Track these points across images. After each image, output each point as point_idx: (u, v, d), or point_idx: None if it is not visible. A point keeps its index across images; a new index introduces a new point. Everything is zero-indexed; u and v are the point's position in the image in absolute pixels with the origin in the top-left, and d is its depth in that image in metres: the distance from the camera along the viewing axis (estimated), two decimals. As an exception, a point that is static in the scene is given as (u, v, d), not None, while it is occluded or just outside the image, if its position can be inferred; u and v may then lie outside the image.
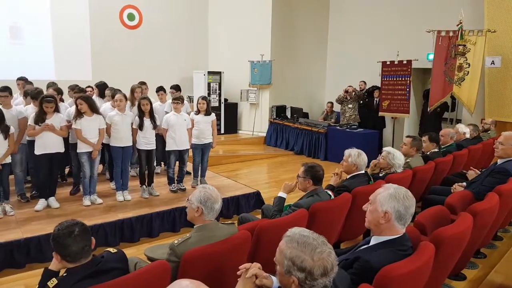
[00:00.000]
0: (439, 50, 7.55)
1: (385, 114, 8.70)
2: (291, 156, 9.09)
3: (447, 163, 4.58)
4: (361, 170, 3.76)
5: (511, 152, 3.52)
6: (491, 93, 7.67)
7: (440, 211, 2.84)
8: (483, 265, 3.40)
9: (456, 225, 2.29)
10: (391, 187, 2.06)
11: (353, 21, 10.36)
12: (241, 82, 10.12)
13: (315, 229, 3.03)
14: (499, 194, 2.89)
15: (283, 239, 1.51)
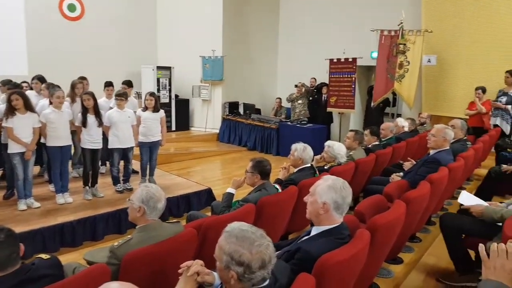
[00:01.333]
0: (382, 49, 7.94)
1: (333, 110, 9.02)
2: (244, 152, 9.16)
3: (387, 155, 4.85)
4: (306, 163, 3.89)
5: (441, 143, 3.79)
6: (427, 89, 8.19)
7: (378, 200, 3.01)
8: (418, 249, 3.65)
9: (390, 213, 2.44)
10: (329, 178, 2.16)
11: (303, 19, 10.59)
12: (192, 78, 10.01)
13: (263, 222, 3.14)
14: (431, 182, 3.12)
15: (222, 235, 1.55)
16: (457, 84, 7.84)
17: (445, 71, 7.97)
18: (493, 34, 7.30)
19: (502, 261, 1.34)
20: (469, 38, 7.61)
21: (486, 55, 7.41)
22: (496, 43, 7.28)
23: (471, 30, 7.57)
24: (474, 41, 7.54)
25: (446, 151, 3.82)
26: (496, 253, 1.36)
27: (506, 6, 7.10)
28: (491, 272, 1.35)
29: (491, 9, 7.28)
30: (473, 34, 7.55)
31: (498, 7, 7.19)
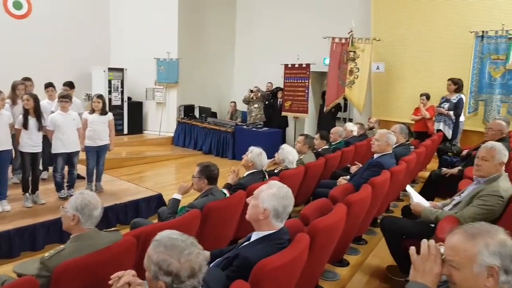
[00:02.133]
0: (334, 56, 8.18)
1: (288, 114, 9.16)
2: (200, 156, 9.05)
3: (336, 159, 4.97)
4: (257, 168, 3.90)
5: (385, 147, 3.94)
6: (376, 95, 8.52)
7: (323, 203, 3.06)
8: (364, 251, 3.75)
9: (331, 216, 2.49)
10: (275, 186, 2.15)
11: (259, 24, 10.68)
12: (146, 80, 9.76)
13: (210, 228, 3.10)
14: (372, 185, 3.22)
15: (151, 244, 1.50)
16: (404, 91, 8.21)
17: (392, 78, 8.33)
18: (436, 43, 7.72)
19: (431, 265, 1.37)
20: (414, 47, 8.00)
21: (430, 64, 7.82)
22: (439, 52, 7.69)
23: (416, 39, 7.96)
24: (419, 50, 7.93)
25: (389, 155, 3.97)
26: (427, 256, 1.39)
27: (449, 18, 7.52)
28: (420, 275, 1.38)
29: (435, 21, 7.70)
30: (418, 44, 7.95)
31: (441, 19, 7.61)
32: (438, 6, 7.64)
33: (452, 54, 7.55)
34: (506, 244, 1.29)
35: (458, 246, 1.34)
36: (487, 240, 1.30)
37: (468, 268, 1.30)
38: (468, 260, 1.30)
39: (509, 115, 6.73)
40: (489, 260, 1.27)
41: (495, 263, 1.27)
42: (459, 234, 1.36)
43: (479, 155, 2.76)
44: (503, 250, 1.28)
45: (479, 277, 1.29)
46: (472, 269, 1.29)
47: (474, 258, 1.29)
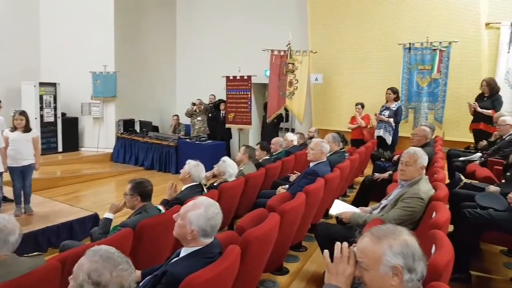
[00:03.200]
0: (273, 67, 8.37)
1: (231, 126, 9.19)
2: (141, 172, 8.78)
3: (276, 168, 5.05)
4: (195, 181, 3.84)
5: (319, 156, 4.06)
6: (316, 105, 8.83)
7: (260, 213, 3.08)
8: (303, 257, 3.81)
9: (263, 226, 2.51)
10: (202, 205, 2.09)
11: (200, 36, 10.70)
12: (81, 95, 9.35)
13: (145, 246, 2.99)
14: (307, 193, 3.30)
15: (86, 253, 1.47)
16: (341, 100, 8.58)
17: (330, 89, 8.67)
18: (369, 55, 8.18)
19: (343, 266, 1.42)
20: (349, 59, 8.41)
21: (364, 74, 8.26)
22: (372, 64, 8.15)
23: (351, 52, 8.38)
24: (354, 62, 8.35)
25: (324, 163, 4.10)
26: (340, 258, 1.44)
27: (379, 31, 8.00)
28: (334, 277, 1.43)
29: (367, 34, 8.16)
30: (353, 56, 8.37)
31: (373, 32, 8.08)
32: (369, 20, 8.11)
33: (383, 65, 8.02)
34: (408, 244, 1.37)
35: (367, 249, 1.40)
36: (391, 242, 1.37)
37: (376, 269, 1.36)
38: (375, 261, 1.37)
39: (436, 121, 7.26)
40: (393, 261, 1.34)
41: (399, 263, 1.34)
42: (367, 237, 1.43)
43: (402, 161, 2.93)
44: (406, 250, 1.36)
45: (386, 277, 1.35)
46: (379, 269, 1.36)
47: (380, 259, 1.36)
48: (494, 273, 3.32)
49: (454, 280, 2.86)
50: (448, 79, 7.15)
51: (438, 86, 7.27)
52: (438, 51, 7.13)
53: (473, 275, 3.12)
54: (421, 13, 7.57)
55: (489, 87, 6.09)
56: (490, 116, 5.82)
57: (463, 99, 6.65)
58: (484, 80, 6.23)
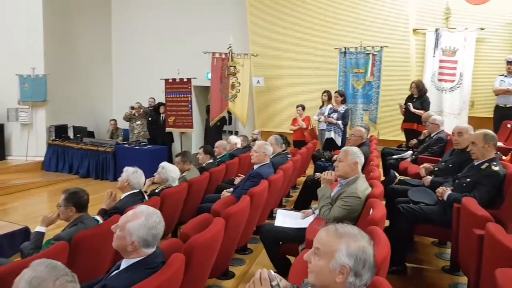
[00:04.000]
0: (215, 70, 8.33)
1: (172, 130, 9.00)
2: (76, 180, 8.29)
3: (220, 172, 5.00)
4: (134, 188, 3.69)
5: (263, 158, 4.10)
6: (258, 108, 8.93)
7: (204, 218, 3.02)
8: (249, 260, 3.80)
9: (207, 231, 2.46)
10: (142, 214, 2.01)
11: (138, 37, 10.37)
12: (7, 100, 8.63)
13: (82, 259, 2.81)
14: (251, 195, 3.30)
15: (31, 265, 1.40)
16: (283, 103, 8.75)
17: (272, 91, 8.82)
18: (308, 59, 8.44)
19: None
20: (290, 62, 8.62)
21: (304, 77, 8.50)
22: (311, 67, 8.42)
23: (291, 55, 8.59)
24: (294, 65, 8.57)
25: (267, 164, 4.14)
26: (253, 285, 1.48)
27: (316, 35, 8.28)
28: None
29: (305, 38, 8.41)
30: (293, 59, 8.58)
31: (311, 36, 8.35)
32: (307, 25, 8.37)
33: (322, 69, 8.31)
34: (364, 251, 1.40)
35: (326, 239, 1.44)
36: (350, 242, 1.40)
37: (327, 260, 1.40)
38: (329, 253, 1.40)
39: (371, 122, 7.65)
40: (344, 259, 1.38)
41: (349, 263, 1.38)
42: (331, 230, 1.46)
43: (337, 158, 3.06)
44: (360, 254, 1.39)
45: (332, 272, 1.39)
46: (329, 262, 1.39)
47: (334, 253, 1.39)
48: (427, 263, 3.55)
49: (392, 272, 3.02)
50: (381, 82, 7.59)
51: (372, 88, 7.68)
52: (371, 55, 7.54)
53: (408, 266, 3.31)
54: (355, 19, 7.96)
55: (417, 89, 6.55)
56: (420, 116, 6.27)
57: (395, 100, 7.08)
58: (413, 82, 6.70)
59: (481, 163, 3.17)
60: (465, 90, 7.24)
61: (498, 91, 6.47)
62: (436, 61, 7.43)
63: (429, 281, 3.23)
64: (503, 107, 6.49)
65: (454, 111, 7.31)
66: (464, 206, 2.76)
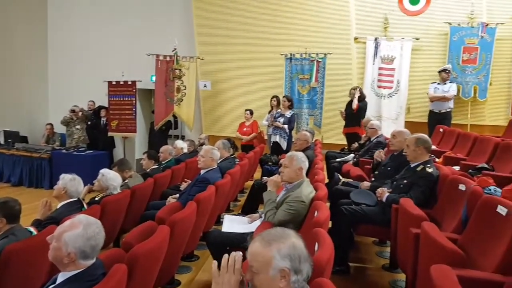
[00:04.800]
0: (160, 73, 8.14)
1: (115, 134, 8.65)
2: (7, 189, 7.70)
3: (165, 178, 4.87)
4: (72, 197, 3.48)
5: (210, 163, 4.05)
6: (205, 112, 8.86)
7: (148, 226, 2.91)
8: (195, 267, 3.72)
9: (151, 240, 2.38)
10: (80, 224, 1.90)
11: (77, 39, 9.84)
12: None
13: (14, 274, 2.59)
14: (198, 201, 3.24)
15: None
16: (230, 107, 8.74)
17: (219, 95, 8.78)
18: (254, 64, 8.49)
19: (229, 276, 1.42)
20: (237, 67, 8.63)
21: (251, 82, 8.57)
22: (257, 72, 8.49)
23: (237, 60, 8.60)
24: (241, 70, 8.60)
25: (215, 169, 4.10)
26: (226, 268, 1.43)
27: (263, 41, 8.36)
28: (219, 287, 1.42)
29: (252, 43, 8.46)
30: (240, 63, 8.60)
31: (257, 41, 8.41)
32: (253, 30, 8.43)
33: (268, 74, 8.42)
34: (296, 247, 1.43)
35: (257, 253, 1.43)
36: (279, 246, 1.42)
37: (265, 272, 1.40)
38: (264, 265, 1.40)
39: (315, 126, 7.88)
40: (281, 264, 1.39)
41: (286, 265, 1.39)
42: (258, 241, 1.46)
43: (282, 163, 3.10)
44: (293, 252, 1.41)
45: (274, 280, 1.39)
46: (268, 273, 1.40)
47: (269, 263, 1.40)
48: (368, 262, 3.69)
49: (335, 273, 3.10)
50: (325, 88, 7.86)
51: (316, 94, 7.92)
52: (315, 61, 7.78)
53: (351, 266, 3.42)
54: (300, 27, 8.17)
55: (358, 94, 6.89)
56: (359, 120, 6.59)
57: (338, 106, 7.35)
58: (352, 88, 7.02)
59: (417, 165, 3.37)
60: (402, 96, 7.69)
61: (434, 98, 6.95)
62: (376, 68, 7.82)
63: (371, 279, 3.36)
64: (437, 112, 6.98)
65: (392, 116, 7.73)
66: (402, 207, 2.91)
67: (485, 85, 7.24)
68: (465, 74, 7.30)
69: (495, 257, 2.09)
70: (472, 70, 7.28)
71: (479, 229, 2.38)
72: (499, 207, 2.22)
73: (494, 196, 2.63)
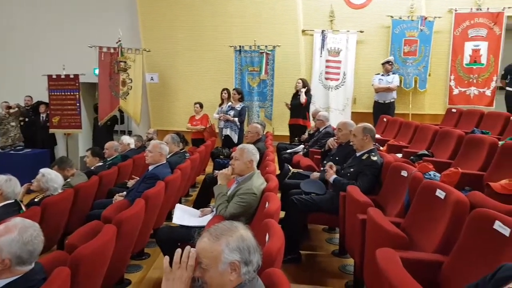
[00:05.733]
0: (103, 66, 7.77)
1: (57, 131, 8.15)
2: None
3: (112, 175, 4.67)
4: (8, 199, 3.23)
5: (158, 158, 3.92)
6: (153, 105, 8.60)
7: (94, 226, 2.77)
8: (146, 265, 3.63)
9: (96, 240, 2.26)
10: (15, 228, 1.79)
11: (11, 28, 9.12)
12: None
13: None
14: (146, 198, 3.14)
15: None
16: (179, 100, 8.55)
17: (168, 88, 8.55)
18: (203, 56, 8.35)
19: (181, 272, 1.39)
20: (185, 59, 8.43)
21: (201, 74, 8.42)
22: (207, 64, 8.35)
23: (186, 52, 8.41)
24: (190, 62, 8.41)
25: (164, 165, 3.98)
26: (178, 264, 1.40)
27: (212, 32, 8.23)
28: (170, 283, 1.39)
29: (200, 34, 8.29)
30: (188, 56, 8.42)
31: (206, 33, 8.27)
32: (201, 22, 8.27)
33: (218, 66, 8.32)
34: (244, 239, 1.43)
35: (205, 249, 1.41)
36: (228, 239, 1.41)
37: (215, 268, 1.39)
38: (214, 260, 1.39)
39: (266, 118, 7.93)
40: (230, 257, 1.38)
41: (236, 258, 1.39)
42: (206, 237, 1.44)
43: (233, 156, 3.07)
44: (242, 244, 1.41)
45: (225, 274, 1.39)
46: (218, 268, 1.38)
47: (218, 257, 1.38)
48: (319, 249, 3.80)
49: (287, 261, 3.15)
50: (275, 80, 7.91)
51: (267, 86, 7.97)
52: (264, 54, 7.81)
53: (302, 254, 3.50)
54: (249, 18, 8.13)
55: (302, 85, 7.05)
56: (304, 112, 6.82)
57: (288, 98, 7.42)
58: (299, 79, 7.13)
59: (362, 154, 3.49)
60: (348, 88, 7.93)
61: (379, 89, 7.24)
62: (323, 61, 8.00)
63: (322, 265, 3.46)
64: (382, 103, 7.30)
65: (339, 107, 7.96)
66: (349, 194, 3.01)
67: (424, 76, 7.66)
68: (406, 66, 7.68)
69: (435, 238, 2.21)
70: (413, 61, 7.67)
71: (420, 213, 2.51)
72: (438, 191, 2.35)
73: (433, 180, 2.78)
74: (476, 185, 3.13)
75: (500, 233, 1.72)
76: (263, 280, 1.52)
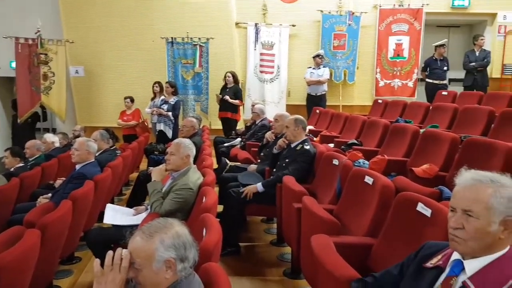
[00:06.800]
0: (21, 58, 7.17)
1: (-32, 130, 7.36)
2: None
3: (34, 176, 4.32)
4: None
5: (86, 156, 3.65)
6: (79, 101, 8.08)
7: (15, 232, 2.53)
8: (77, 270, 3.42)
9: (18, 247, 2.07)
10: None
11: None
12: None
13: None
14: (74, 199, 2.93)
15: None
16: (108, 95, 8.12)
17: (94, 82, 8.09)
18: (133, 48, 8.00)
19: (113, 275, 1.33)
20: (113, 51, 8.02)
21: (131, 67, 8.05)
22: (137, 56, 8.02)
23: (113, 43, 8.00)
24: (118, 54, 8.02)
25: (92, 163, 3.75)
26: (110, 267, 1.33)
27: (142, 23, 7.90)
28: (102, 287, 1.33)
29: (129, 25, 7.93)
30: (116, 47, 8.01)
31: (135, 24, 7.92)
32: (129, 12, 7.91)
33: (149, 58, 8.03)
34: (179, 235, 1.40)
35: (139, 248, 1.36)
36: (162, 236, 1.37)
37: (149, 267, 1.34)
38: (148, 259, 1.34)
39: (202, 112, 7.84)
40: (165, 255, 1.35)
41: (171, 255, 1.35)
42: (139, 236, 1.39)
43: (168, 151, 2.98)
44: (177, 241, 1.38)
45: (160, 272, 1.35)
46: (152, 266, 1.34)
47: (152, 256, 1.34)
48: (258, 240, 3.84)
49: (226, 254, 3.15)
50: (209, 73, 7.83)
51: (201, 79, 7.86)
52: (198, 46, 7.68)
53: (242, 245, 3.51)
54: (182, 10, 7.93)
55: (232, 79, 7.03)
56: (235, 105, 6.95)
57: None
58: (228, 72, 7.12)
59: (296, 144, 3.58)
60: (282, 81, 8.10)
61: (311, 82, 7.47)
62: (257, 54, 8.07)
63: (260, 255, 3.50)
64: (314, 95, 7.55)
65: (275, 100, 8.11)
66: (285, 184, 3.07)
67: (353, 69, 8.05)
68: (336, 59, 8.01)
69: (365, 222, 2.33)
70: (342, 55, 8.02)
71: (351, 199, 2.63)
72: (366, 178, 2.48)
73: (362, 168, 2.92)
74: (401, 170, 3.36)
75: (422, 214, 1.84)
76: (200, 275, 1.49)
